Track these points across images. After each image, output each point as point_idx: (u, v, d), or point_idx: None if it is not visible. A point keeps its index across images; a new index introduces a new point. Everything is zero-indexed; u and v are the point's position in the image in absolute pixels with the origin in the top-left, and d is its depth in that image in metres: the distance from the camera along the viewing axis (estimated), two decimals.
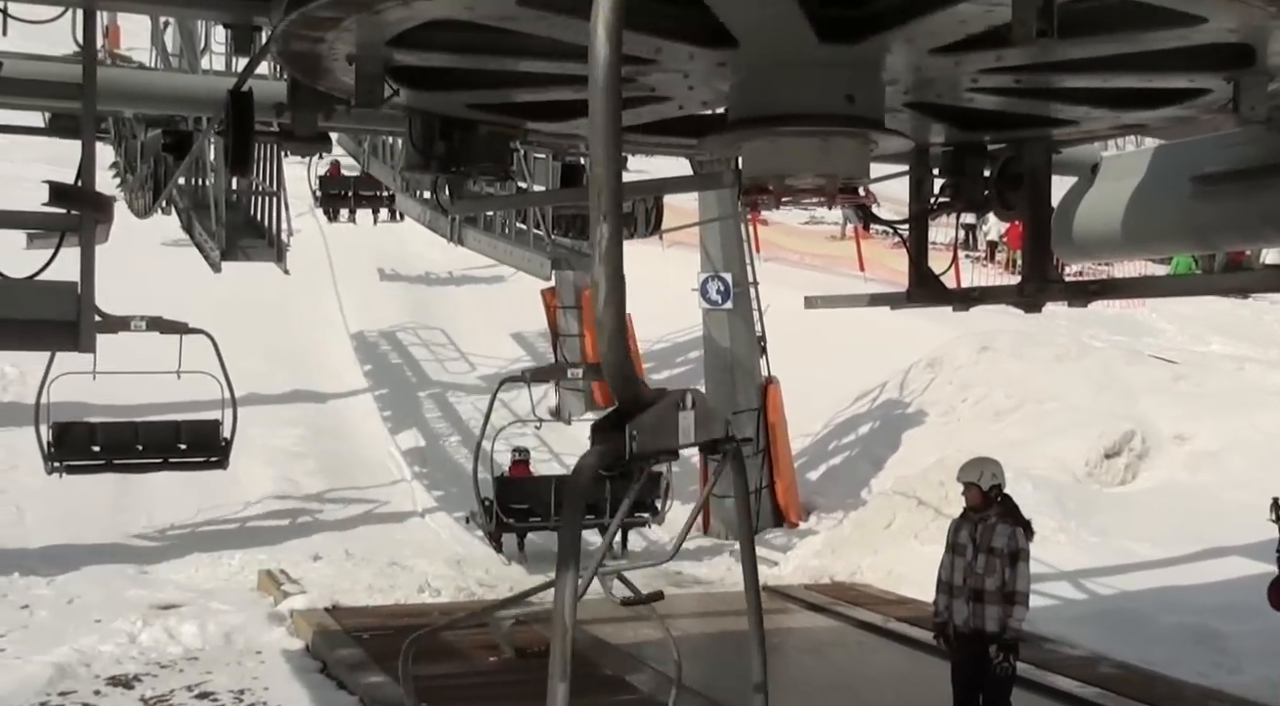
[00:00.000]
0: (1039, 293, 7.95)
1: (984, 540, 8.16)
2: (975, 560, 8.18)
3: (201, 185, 16.62)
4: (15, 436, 17.94)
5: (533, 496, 15.35)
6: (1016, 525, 8.21)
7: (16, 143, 18.96)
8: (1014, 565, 8.08)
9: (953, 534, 8.46)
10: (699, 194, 18.05)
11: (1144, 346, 22.49)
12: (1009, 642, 8.11)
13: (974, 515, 8.30)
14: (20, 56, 9.27)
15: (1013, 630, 8.11)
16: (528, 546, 15.91)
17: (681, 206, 20.58)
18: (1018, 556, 8.10)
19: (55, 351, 6.41)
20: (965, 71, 5.62)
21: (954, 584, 8.34)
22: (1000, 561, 8.10)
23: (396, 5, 4.66)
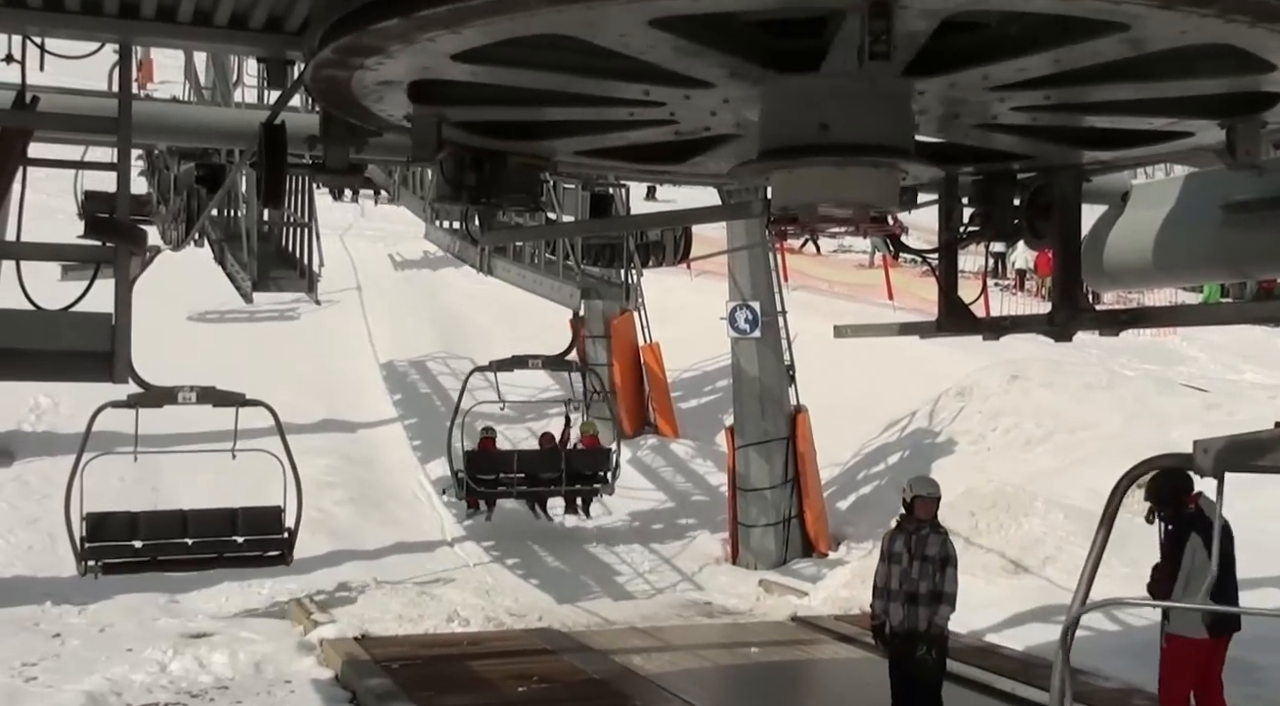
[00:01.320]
0: (1070, 321, 7.91)
1: (918, 549, 9.18)
2: (910, 567, 9.15)
3: (234, 216, 16.78)
4: (49, 465, 18.06)
5: (498, 467, 16.82)
6: (945, 535, 9.35)
7: (50, 176, 19.15)
8: (944, 570, 9.13)
9: (888, 544, 9.46)
10: (727, 223, 18.06)
11: (1176, 375, 22.32)
12: (934, 637, 9.11)
13: (909, 527, 9.35)
14: (56, 91, 9.41)
15: (937, 626, 9.09)
16: (496, 514, 17.17)
17: (710, 235, 20.63)
18: (947, 562, 9.17)
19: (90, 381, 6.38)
20: (979, 96, 5.62)
21: (890, 589, 9.26)
22: (932, 567, 9.11)
23: (426, 39, 4.72)
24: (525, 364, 16.59)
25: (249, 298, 15.59)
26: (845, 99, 5.18)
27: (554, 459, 16.95)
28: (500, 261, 18.65)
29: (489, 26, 4.57)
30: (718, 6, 4.50)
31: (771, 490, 17.68)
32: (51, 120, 7.84)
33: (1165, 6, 4.22)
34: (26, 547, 16.26)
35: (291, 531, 13.10)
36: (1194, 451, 5.69)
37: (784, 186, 5.65)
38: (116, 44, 6.49)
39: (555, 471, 16.54)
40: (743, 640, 13.31)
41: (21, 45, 6.89)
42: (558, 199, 16.49)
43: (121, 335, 6.33)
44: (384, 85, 5.49)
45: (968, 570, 14.54)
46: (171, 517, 13.26)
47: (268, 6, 5.88)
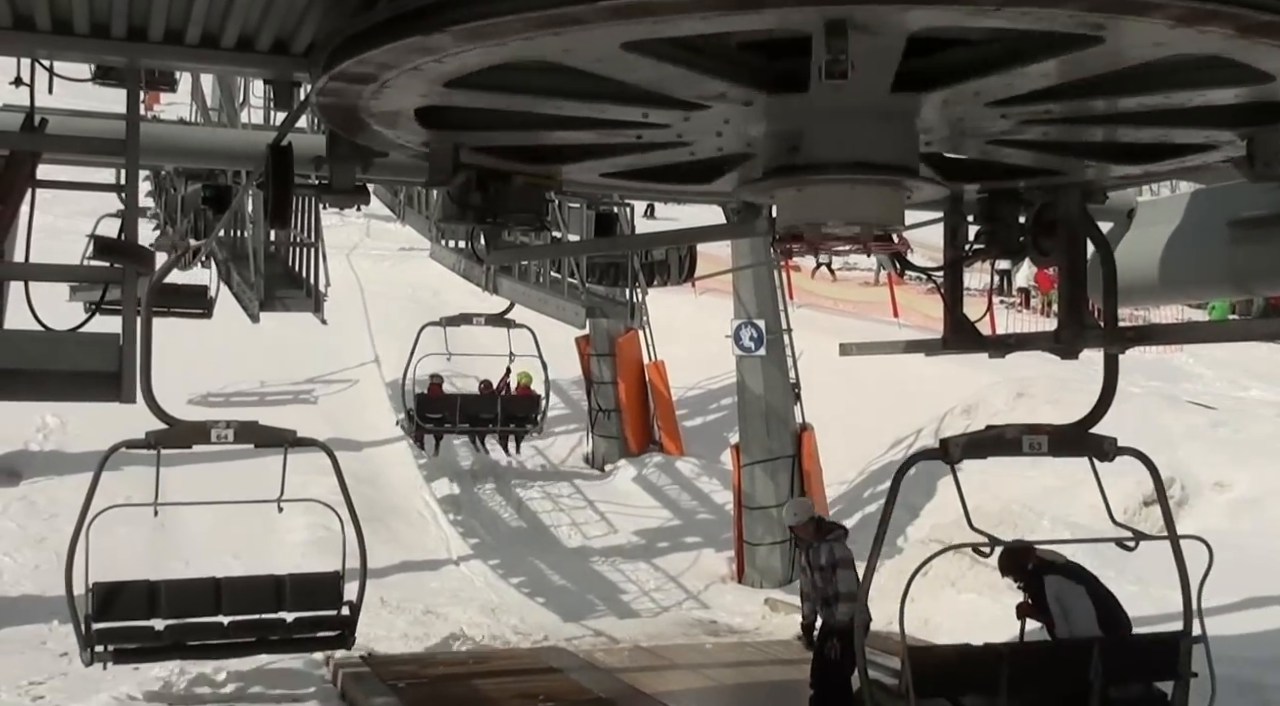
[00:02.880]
0: (1076, 338, 7.92)
1: (814, 561, 10.20)
2: (815, 576, 10.21)
3: (240, 237, 16.84)
4: (55, 485, 18.10)
5: (443, 408, 19.05)
6: (833, 540, 10.16)
7: (59, 197, 19.24)
8: (835, 573, 10.02)
9: (800, 557, 10.73)
10: (732, 241, 18.10)
11: (1182, 392, 22.28)
12: (838, 632, 9.93)
13: (803, 543, 10.49)
14: (65, 113, 9.45)
15: (840, 623, 9.87)
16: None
17: (714, 254, 20.65)
18: (837, 565, 10.02)
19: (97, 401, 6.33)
20: (1002, 124, 5.64)
21: (809, 594, 10.37)
22: (829, 573, 10.05)
23: (434, 60, 4.75)
24: (470, 321, 18.55)
25: (255, 317, 15.62)
26: (846, 117, 5.20)
27: (491, 402, 19.41)
28: (506, 280, 18.69)
29: (465, 55, 4.62)
30: (686, 30, 4.46)
31: (777, 508, 17.66)
32: (60, 142, 7.88)
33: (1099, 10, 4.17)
34: (34, 567, 16.26)
35: (354, 606, 10.66)
36: (948, 445, 8.37)
37: (789, 205, 5.67)
38: (124, 67, 6.53)
39: (491, 413, 19.06)
40: (748, 659, 13.28)
41: (31, 68, 6.93)
42: (563, 218, 16.55)
43: (129, 355, 6.35)
44: (389, 112, 5.53)
45: (973, 588, 14.60)
46: (200, 588, 10.74)
47: (274, 29, 5.91)
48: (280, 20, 5.80)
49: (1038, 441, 8.55)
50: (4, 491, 18.35)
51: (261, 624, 10.53)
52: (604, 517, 20.32)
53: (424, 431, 19.00)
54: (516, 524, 20.27)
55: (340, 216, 30.01)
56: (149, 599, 10.32)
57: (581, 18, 4.24)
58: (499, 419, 19.00)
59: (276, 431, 9.76)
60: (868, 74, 4.62)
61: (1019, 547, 9.87)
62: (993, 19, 4.30)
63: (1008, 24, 4.37)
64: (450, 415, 18.91)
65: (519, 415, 19.23)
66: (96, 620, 9.82)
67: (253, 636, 10.46)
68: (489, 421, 19.07)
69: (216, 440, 9.33)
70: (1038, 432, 8.61)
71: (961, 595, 14.52)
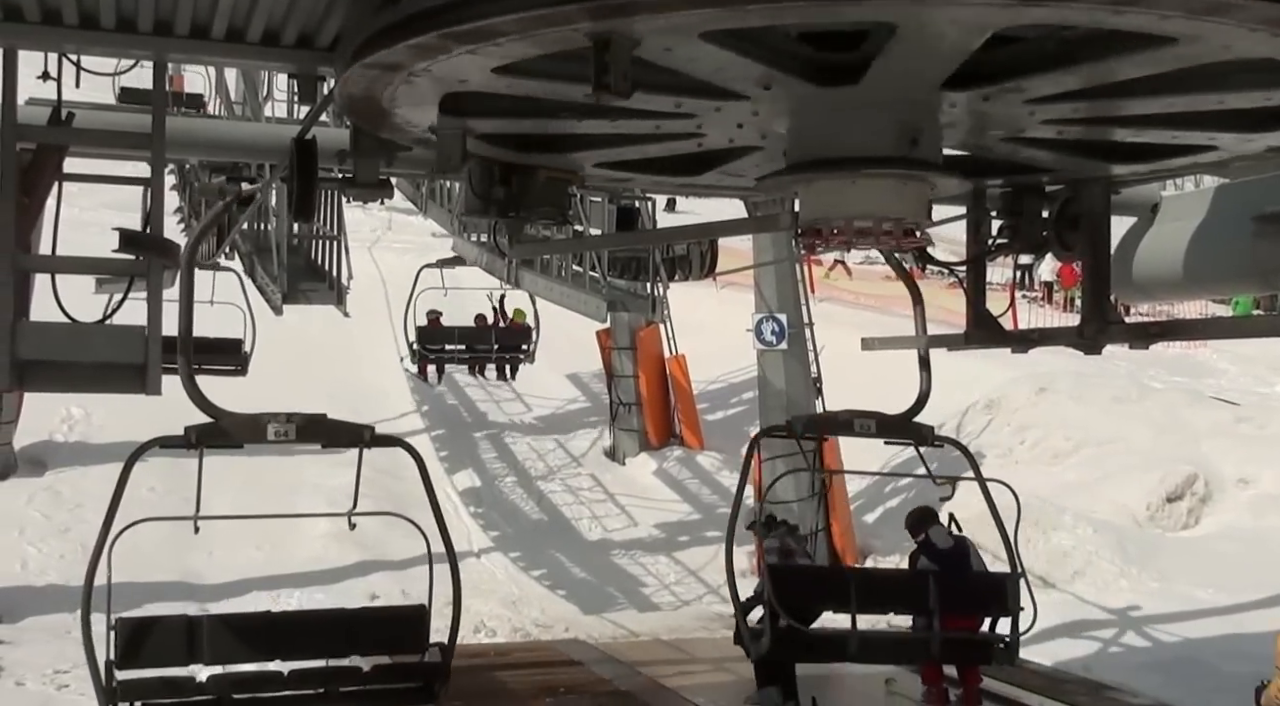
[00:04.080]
0: (1099, 334, 7.89)
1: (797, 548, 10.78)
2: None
3: (264, 230, 16.91)
4: (80, 475, 18.24)
5: (442, 339, 20.52)
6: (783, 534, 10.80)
7: (84, 189, 19.35)
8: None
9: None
10: (754, 235, 18.07)
11: (1205, 388, 22.18)
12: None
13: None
14: (91, 107, 9.53)
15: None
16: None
17: (735, 248, 20.64)
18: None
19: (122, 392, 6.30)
20: (1012, 109, 5.62)
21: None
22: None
23: (453, 56, 4.77)
24: (464, 262, 20.09)
25: (279, 310, 15.67)
26: (874, 112, 5.20)
27: (485, 334, 20.68)
28: (527, 274, 18.72)
29: (523, 41, 4.61)
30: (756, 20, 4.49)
31: (798, 503, 17.65)
32: (86, 136, 7.93)
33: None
34: (59, 556, 16.40)
35: (445, 648, 8.38)
36: (792, 423, 10.24)
37: (812, 199, 5.66)
38: (151, 60, 6.57)
39: (487, 344, 20.37)
40: None
41: (58, 62, 6.98)
42: (584, 212, 16.55)
43: (154, 346, 6.40)
44: (413, 104, 5.55)
45: None
46: (252, 627, 8.39)
47: (299, 24, 5.94)
48: (305, 15, 5.83)
49: (866, 424, 9.88)
50: (30, 481, 18.50)
51: (329, 673, 8.18)
52: (624, 511, 20.35)
53: (426, 360, 20.53)
54: (537, 516, 20.31)
55: (363, 210, 30.09)
56: (187, 639, 7.98)
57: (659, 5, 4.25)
58: (493, 348, 20.46)
59: (349, 427, 7.77)
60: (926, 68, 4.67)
61: (922, 513, 11.04)
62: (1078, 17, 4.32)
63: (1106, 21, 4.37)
64: (450, 345, 20.57)
65: (512, 345, 20.54)
66: (121, 666, 7.67)
67: (319, 687, 8.09)
68: (484, 351, 20.47)
69: (275, 437, 7.43)
70: (866, 417, 9.89)
71: None
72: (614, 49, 4.47)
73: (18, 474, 18.63)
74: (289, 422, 7.43)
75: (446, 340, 20.59)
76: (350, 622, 8.68)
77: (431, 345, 20.34)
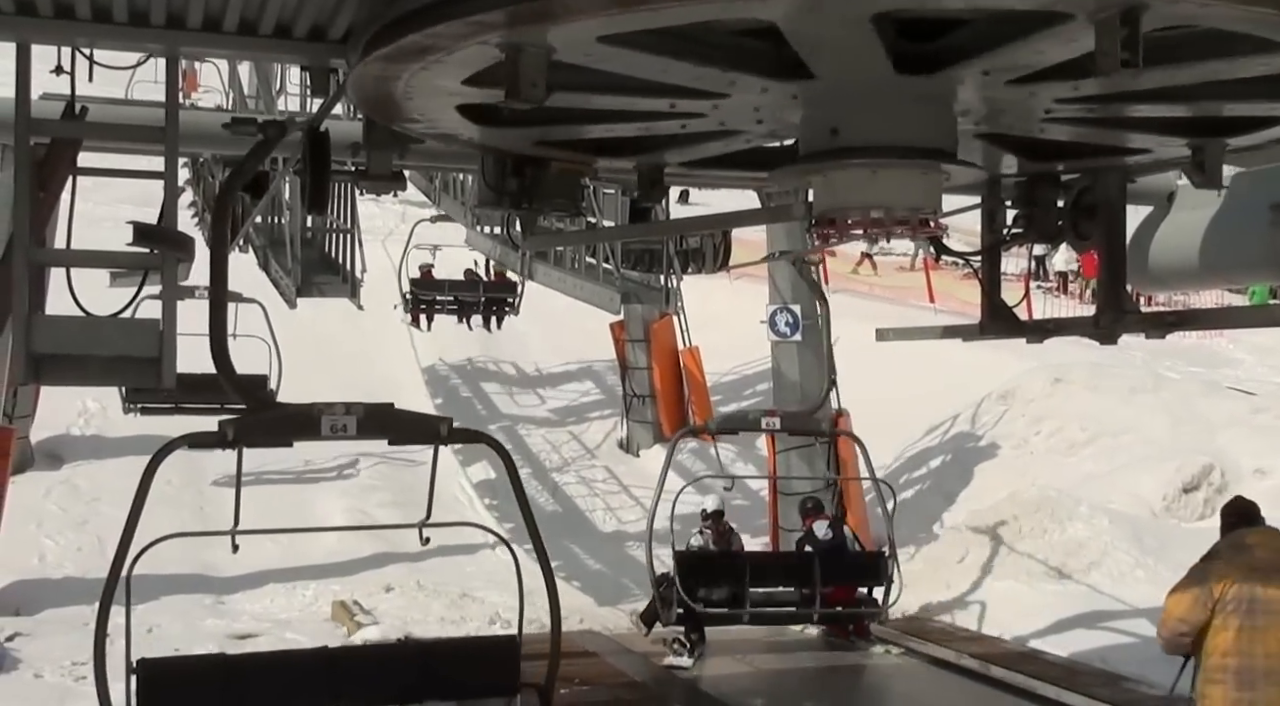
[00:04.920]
0: (1114, 324, 7.85)
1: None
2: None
3: (277, 223, 16.94)
4: (96, 469, 18.33)
5: (434, 289, 21.93)
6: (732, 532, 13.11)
7: (99, 184, 19.39)
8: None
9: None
10: (767, 226, 18.03)
11: (1221, 378, 22.08)
12: None
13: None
14: (104, 101, 9.54)
15: None
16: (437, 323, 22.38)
17: (748, 238, 20.60)
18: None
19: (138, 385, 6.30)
20: (1039, 102, 5.60)
21: None
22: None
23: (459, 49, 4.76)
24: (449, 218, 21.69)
25: (293, 303, 15.72)
26: (886, 101, 5.18)
27: (474, 286, 22.28)
28: (541, 266, 18.73)
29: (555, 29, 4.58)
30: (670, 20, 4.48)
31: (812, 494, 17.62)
32: (100, 130, 7.95)
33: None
34: (75, 549, 16.48)
35: (544, 690, 6.91)
36: (708, 421, 11.46)
37: (825, 190, 5.65)
38: (163, 54, 6.58)
39: (475, 295, 21.93)
40: (784, 644, 13.27)
41: (71, 56, 6.99)
42: (598, 204, 16.54)
43: (169, 340, 6.42)
44: (427, 95, 5.54)
45: (1010, 575, 14.55)
46: (304, 667, 6.88)
47: (312, 16, 5.94)
48: (317, 7, 5.82)
49: (772, 421, 12.13)
50: (46, 475, 18.59)
51: None
52: (638, 502, 20.35)
53: (419, 309, 21.96)
54: (551, 508, 20.34)
55: (376, 203, 30.14)
56: (223, 684, 6.49)
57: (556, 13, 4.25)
58: (481, 300, 21.88)
59: (421, 420, 6.32)
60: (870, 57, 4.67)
61: (813, 503, 13.68)
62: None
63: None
64: (440, 296, 21.99)
65: (498, 298, 21.81)
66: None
67: None
68: (473, 301, 21.86)
69: (332, 433, 5.87)
70: (772, 415, 12.36)
71: (998, 582, 14.47)
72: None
73: (35, 467, 18.71)
74: (348, 415, 5.88)
75: (438, 291, 22.06)
76: (426, 657, 7.21)
77: (424, 295, 21.87)
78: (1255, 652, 6.24)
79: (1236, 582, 6.32)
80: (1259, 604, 6.25)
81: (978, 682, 11.59)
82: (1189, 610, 6.45)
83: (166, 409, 16.17)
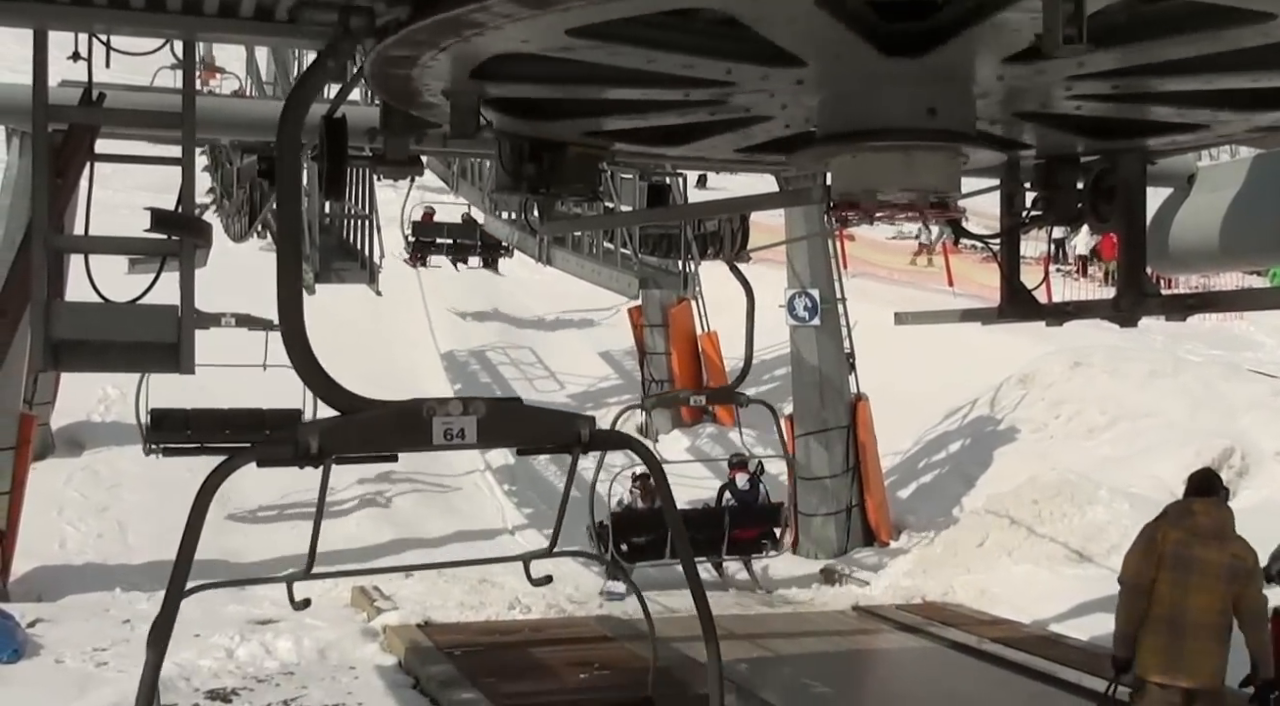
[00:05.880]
0: (1135, 307, 7.81)
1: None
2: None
3: None
4: (117, 455, 18.42)
5: (435, 233, 23.64)
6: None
7: (117, 171, 19.42)
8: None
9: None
10: (785, 210, 17.98)
11: (1242, 361, 21.94)
12: None
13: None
14: (122, 87, 9.56)
15: None
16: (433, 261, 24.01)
17: (766, 222, 20.54)
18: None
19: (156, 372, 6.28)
20: (1052, 80, 5.55)
21: None
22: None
23: (457, 41, 4.76)
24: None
25: (311, 289, 15.72)
26: (909, 84, 5.15)
27: (471, 230, 23.40)
28: (559, 251, 18.71)
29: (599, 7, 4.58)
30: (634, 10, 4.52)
31: (832, 479, 17.61)
32: (118, 116, 7.96)
33: None
34: (96, 535, 16.59)
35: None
36: (644, 399, 17.35)
37: (843, 172, 5.62)
38: (180, 39, 6.58)
39: (473, 239, 23.28)
40: (804, 629, 13.28)
41: (88, 43, 7.00)
42: (615, 189, 16.51)
43: (187, 326, 6.43)
44: (443, 79, 5.52)
45: (1030, 559, 14.53)
46: None
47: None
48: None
49: (699, 398, 17.27)
50: (67, 461, 18.69)
51: None
52: None
53: (420, 250, 23.52)
54: (571, 494, 20.35)
55: (394, 189, 30.18)
56: None
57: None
58: (479, 245, 23.10)
59: (557, 420, 4.95)
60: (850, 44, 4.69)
61: (739, 459, 16.81)
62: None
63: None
64: (440, 239, 23.50)
65: (494, 242, 22.71)
66: None
67: None
68: (470, 244, 23.21)
69: (445, 439, 4.58)
70: (700, 392, 17.89)
71: (1018, 566, 14.44)
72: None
73: (55, 454, 18.81)
74: (466, 415, 4.58)
75: (437, 234, 23.56)
76: None
77: (425, 237, 23.46)
78: (1188, 606, 7.05)
79: (1175, 543, 7.15)
80: (1195, 564, 7.07)
81: (998, 667, 11.58)
82: (1137, 566, 7.31)
83: (190, 449, 15.33)
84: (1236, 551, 7.15)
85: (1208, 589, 7.04)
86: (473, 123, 5.78)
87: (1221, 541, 7.15)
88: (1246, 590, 7.10)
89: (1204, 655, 7.08)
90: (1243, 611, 7.11)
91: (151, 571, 15.50)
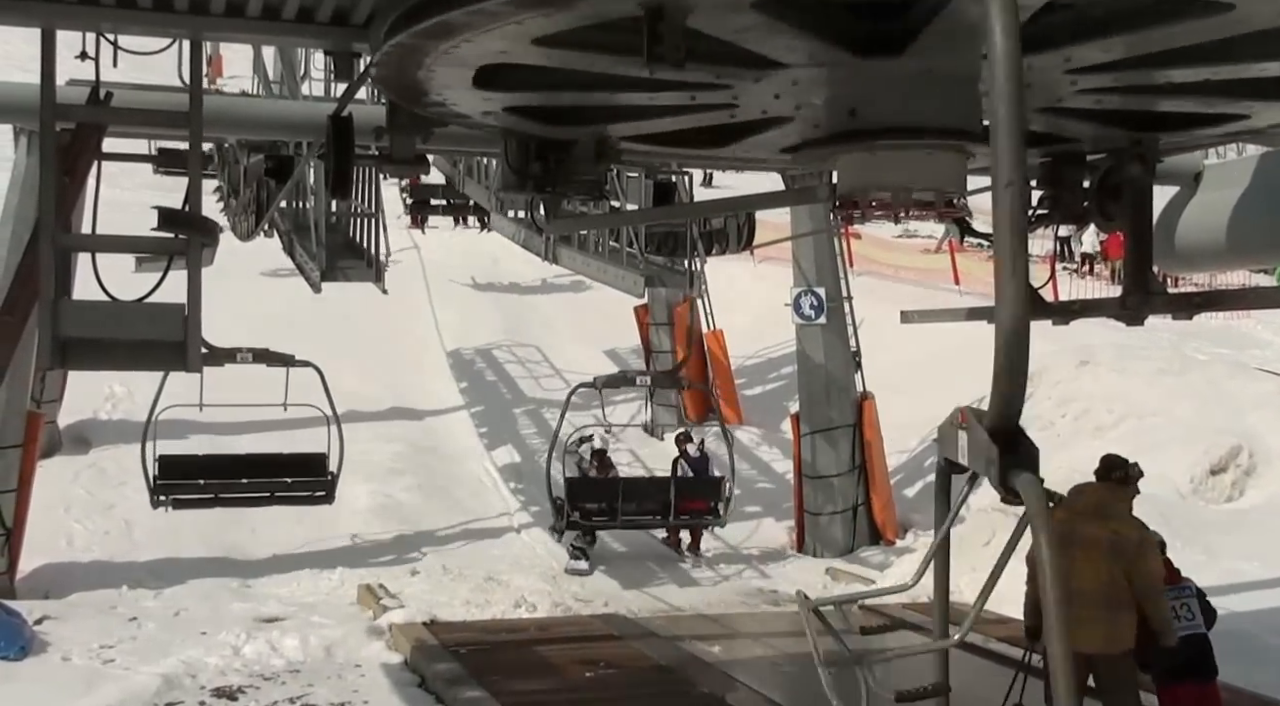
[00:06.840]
0: (1141, 305, 7.80)
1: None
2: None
3: (302, 208, 16.98)
4: (123, 453, 18.41)
5: (429, 194, 24.11)
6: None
7: (124, 170, 19.48)
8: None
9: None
10: (791, 208, 17.97)
11: (1249, 359, 21.88)
12: None
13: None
14: (129, 87, 9.56)
15: None
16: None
17: (773, 221, 20.54)
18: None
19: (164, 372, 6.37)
20: (1047, 76, 5.54)
21: None
22: None
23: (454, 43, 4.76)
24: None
25: (317, 287, 15.75)
26: (915, 82, 5.15)
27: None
28: (565, 250, 18.69)
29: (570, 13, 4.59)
30: None
31: (838, 477, 17.61)
32: (125, 115, 7.98)
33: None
34: (103, 532, 16.63)
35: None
36: (595, 380, 16.21)
37: (849, 170, 5.62)
38: (187, 39, 6.59)
39: (465, 199, 22.86)
40: None
41: (95, 42, 7.02)
42: (621, 187, 16.51)
43: (194, 325, 6.45)
44: (449, 79, 5.53)
45: None
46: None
47: (334, 0, 5.94)
48: None
49: (645, 379, 17.91)
50: (74, 459, 18.74)
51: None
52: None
53: (418, 211, 24.58)
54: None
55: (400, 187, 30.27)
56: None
57: None
58: (472, 203, 22.80)
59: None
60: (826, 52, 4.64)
61: (685, 435, 18.37)
62: None
63: None
64: (435, 199, 23.96)
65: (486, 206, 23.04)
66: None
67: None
68: (465, 204, 23.05)
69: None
70: (645, 374, 19.08)
71: (1025, 565, 14.40)
72: (667, 18, 4.44)
73: (62, 451, 18.87)
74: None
75: (433, 195, 24.05)
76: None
77: (419, 199, 24.22)
78: (1075, 578, 7.39)
79: (1060, 521, 7.56)
80: (1077, 539, 7.65)
81: (1004, 666, 11.55)
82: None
83: (204, 501, 13.98)
84: (1118, 528, 7.70)
85: (1092, 561, 7.57)
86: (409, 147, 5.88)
87: (1103, 519, 7.74)
88: (1135, 566, 7.61)
89: (1093, 622, 7.50)
90: (1136, 586, 7.62)
91: (158, 569, 15.54)
